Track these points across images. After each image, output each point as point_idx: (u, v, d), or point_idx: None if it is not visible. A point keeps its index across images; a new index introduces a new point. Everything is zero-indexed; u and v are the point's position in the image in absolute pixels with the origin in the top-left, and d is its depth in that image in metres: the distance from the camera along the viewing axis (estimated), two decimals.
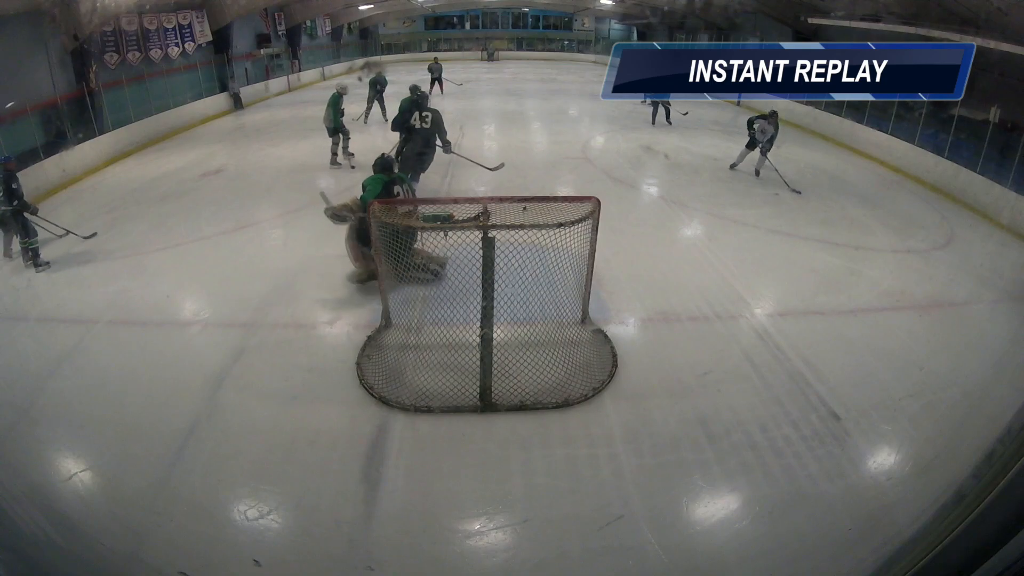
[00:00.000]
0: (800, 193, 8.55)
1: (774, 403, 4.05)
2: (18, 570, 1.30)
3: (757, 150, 9.35)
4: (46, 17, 10.08)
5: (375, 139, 10.95)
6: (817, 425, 3.84)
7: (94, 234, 6.88)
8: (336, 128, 9.82)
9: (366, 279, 5.42)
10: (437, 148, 7.82)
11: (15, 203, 6.00)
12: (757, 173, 9.40)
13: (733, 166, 9.71)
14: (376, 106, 13.15)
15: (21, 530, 1.64)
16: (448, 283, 4.34)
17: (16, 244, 6.32)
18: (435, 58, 18.08)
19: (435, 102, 10.63)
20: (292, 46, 21.62)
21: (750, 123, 9.33)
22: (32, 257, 6.13)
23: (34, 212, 6.19)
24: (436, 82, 16.78)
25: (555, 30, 34.14)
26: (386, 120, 11.73)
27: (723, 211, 7.85)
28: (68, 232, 6.81)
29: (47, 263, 6.16)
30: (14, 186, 6.02)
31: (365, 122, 12.77)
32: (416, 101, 7.69)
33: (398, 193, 5.33)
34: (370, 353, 4.51)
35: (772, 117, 9.18)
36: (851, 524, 3.10)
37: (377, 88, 12.99)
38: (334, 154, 10.00)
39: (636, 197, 8.72)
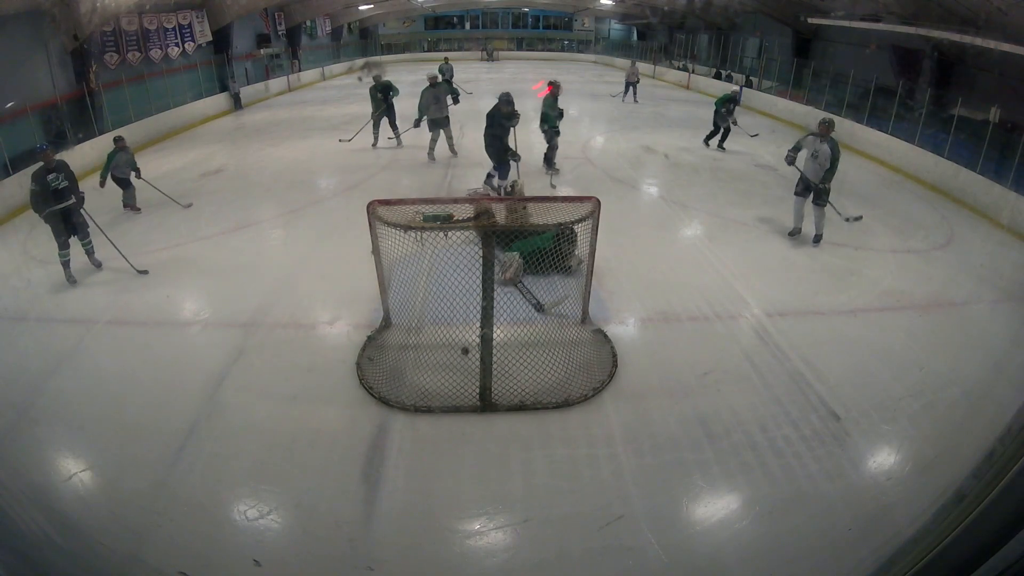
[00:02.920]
0: (861, 218, 7.05)
1: (774, 403, 4.04)
2: (18, 570, 1.30)
3: (810, 198, 6.46)
4: (46, 17, 10.10)
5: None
6: (817, 425, 3.84)
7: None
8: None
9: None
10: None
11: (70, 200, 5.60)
12: (818, 238, 6.58)
13: (792, 234, 6.81)
14: (384, 119, 10.81)
15: (21, 530, 1.64)
16: (448, 283, 4.34)
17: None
18: (445, 58, 17.75)
19: None
20: (292, 46, 21.67)
21: (795, 148, 6.41)
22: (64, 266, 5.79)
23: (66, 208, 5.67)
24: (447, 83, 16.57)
25: (555, 30, 34.20)
26: (398, 140, 10.97)
27: (723, 211, 7.85)
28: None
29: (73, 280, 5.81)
30: (49, 178, 5.44)
31: (374, 146, 10.84)
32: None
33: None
34: (370, 353, 4.51)
35: (828, 125, 6.32)
36: (851, 524, 3.10)
37: (389, 96, 10.68)
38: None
39: (636, 197, 8.72)
